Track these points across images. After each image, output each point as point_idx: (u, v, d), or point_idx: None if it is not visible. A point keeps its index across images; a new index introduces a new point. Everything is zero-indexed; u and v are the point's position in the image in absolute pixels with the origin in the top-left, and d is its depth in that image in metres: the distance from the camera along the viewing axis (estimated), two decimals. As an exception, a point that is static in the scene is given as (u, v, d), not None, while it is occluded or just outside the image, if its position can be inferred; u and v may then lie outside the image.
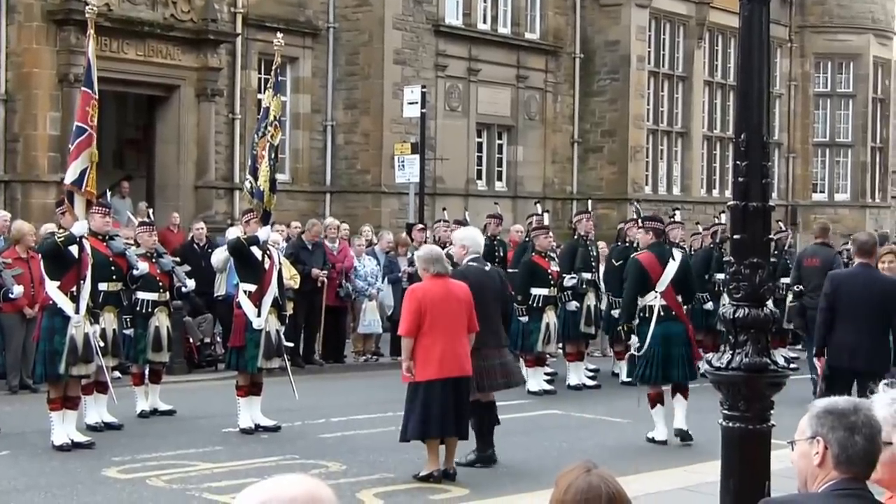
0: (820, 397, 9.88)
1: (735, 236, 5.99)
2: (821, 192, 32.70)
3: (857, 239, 10.40)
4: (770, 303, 6.01)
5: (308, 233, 16.68)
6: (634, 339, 11.44)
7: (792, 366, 13.22)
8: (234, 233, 15.81)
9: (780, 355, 12.10)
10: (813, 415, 3.36)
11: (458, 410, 9.32)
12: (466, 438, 9.58)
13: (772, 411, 5.81)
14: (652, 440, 11.33)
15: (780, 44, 31.45)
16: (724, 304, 10.54)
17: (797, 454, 3.39)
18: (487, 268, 10.23)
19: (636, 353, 11.55)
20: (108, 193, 14.76)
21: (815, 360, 10.51)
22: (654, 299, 11.39)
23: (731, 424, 5.77)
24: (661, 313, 11.32)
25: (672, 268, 11.50)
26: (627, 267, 12.04)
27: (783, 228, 19.76)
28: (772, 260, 7.47)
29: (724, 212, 17.06)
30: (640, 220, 13.60)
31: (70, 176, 10.63)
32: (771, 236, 7.22)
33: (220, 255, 14.81)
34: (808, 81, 32.19)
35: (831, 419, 3.30)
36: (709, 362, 5.94)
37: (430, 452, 9.34)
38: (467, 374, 9.39)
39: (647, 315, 11.37)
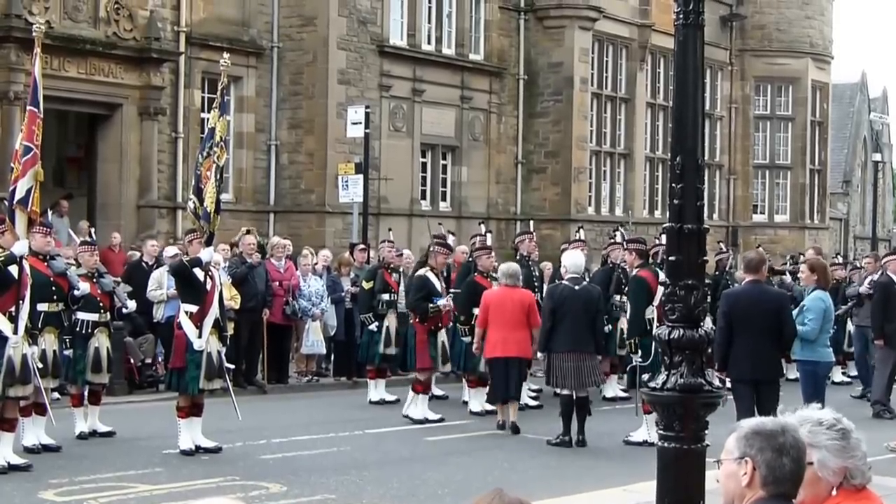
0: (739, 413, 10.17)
1: (670, 258, 6.08)
2: (761, 213, 33.16)
3: (745, 257, 11.22)
4: (709, 322, 6.13)
5: (242, 245, 16.39)
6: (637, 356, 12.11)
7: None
8: (171, 251, 15.78)
9: (716, 376, 12.32)
10: (741, 435, 3.37)
11: (512, 379, 12.52)
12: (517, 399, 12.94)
13: (706, 431, 5.90)
14: (628, 441, 12.09)
15: (720, 67, 31.92)
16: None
17: (724, 474, 3.42)
18: (577, 287, 12.09)
19: (642, 364, 11.93)
20: (50, 212, 14.63)
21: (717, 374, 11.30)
22: (651, 312, 11.96)
23: (666, 444, 5.85)
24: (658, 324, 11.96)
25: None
26: (632, 285, 12.62)
27: (724, 249, 20.01)
28: (707, 282, 7.56)
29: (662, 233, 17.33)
30: (625, 243, 14.39)
31: (17, 195, 10.54)
32: (712, 258, 7.38)
33: (154, 293, 15.56)
34: (748, 104, 32.66)
35: (760, 440, 3.32)
36: (645, 383, 6.02)
37: (499, 410, 12.90)
38: (513, 355, 12.42)
39: (648, 328, 11.81)
